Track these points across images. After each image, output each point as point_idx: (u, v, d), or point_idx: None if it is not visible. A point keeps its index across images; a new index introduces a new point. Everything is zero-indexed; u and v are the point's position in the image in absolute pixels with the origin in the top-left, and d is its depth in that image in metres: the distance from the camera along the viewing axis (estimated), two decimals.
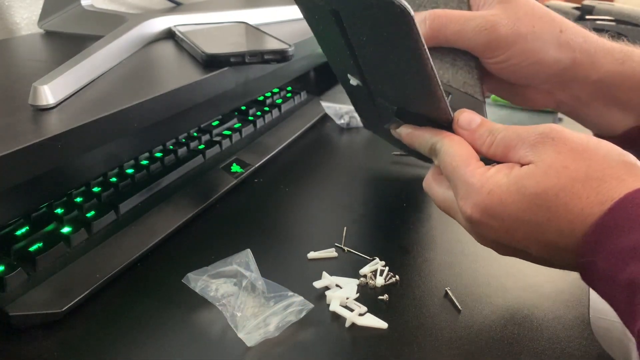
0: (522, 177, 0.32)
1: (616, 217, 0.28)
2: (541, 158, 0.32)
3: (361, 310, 0.38)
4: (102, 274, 0.41)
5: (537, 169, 0.32)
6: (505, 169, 0.34)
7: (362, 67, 0.42)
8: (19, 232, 0.42)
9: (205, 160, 0.58)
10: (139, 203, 0.49)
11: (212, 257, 0.42)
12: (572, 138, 0.32)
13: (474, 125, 0.37)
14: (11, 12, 0.79)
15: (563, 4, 1.12)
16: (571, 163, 0.31)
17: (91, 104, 0.46)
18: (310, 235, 0.49)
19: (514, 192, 0.32)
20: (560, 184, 0.31)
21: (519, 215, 0.32)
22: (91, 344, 0.36)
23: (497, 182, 0.33)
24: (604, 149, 0.32)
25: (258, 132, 0.67)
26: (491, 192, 0.33)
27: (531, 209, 0.32)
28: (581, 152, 0.31)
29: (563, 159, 0.31)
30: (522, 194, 0.32)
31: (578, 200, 0.30)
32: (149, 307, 0.39)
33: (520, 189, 0.32)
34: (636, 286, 0.26)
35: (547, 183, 0.31)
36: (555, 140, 0.32)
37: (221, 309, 0.37)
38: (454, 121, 0.38)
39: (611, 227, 0.28)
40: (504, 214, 0.33)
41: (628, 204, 0.28)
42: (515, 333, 0.37)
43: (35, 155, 0.37)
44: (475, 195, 0.34)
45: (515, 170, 0.33)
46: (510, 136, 0.35)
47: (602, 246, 0.29)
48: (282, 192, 0.57)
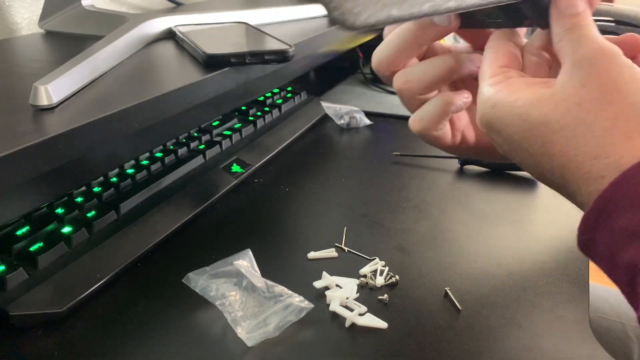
0: (530, 101, 0.30)
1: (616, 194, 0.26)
2: (564, 86, 0.29)
3: (361, 310, 0.38)
4: (102, 274, 0.41)
5: (550, 99, 0.29)
6: (522, 85, 0.31)
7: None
8: (20, 232, 0.42)
9: (205, 160, 0.58)
10: (140, 203, 0.49)
11: (212, 257, 0.42)
12: (611, 71, 0.28)
13: (571, 11, 0.32)
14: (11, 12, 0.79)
15: None
16: (588, 101, 0.28)
17: (92, 104, 0.46)
18: (310, 235, 0.49)
19: (515, 115, 0.30)
20: (564, 121, 0.28)
21: (515, 139, 0.30)
22: (91, 344, 0.36)
23: (504, 98, 0.31)
24: (636, 97, 0.28)
25: (258, 132, 0.67)
26: (495, 107, 0.31)
27: (529, 138, 0.30)
28: (609, 91, 0.28)
29: (582, 95, 0.28)
30: (523, 120, 0.30)
31: (575, 145, 0.28)
32: (149, 307, 0.39)
33: (522, 115, 0.30)
34: (636, 270, 0.25)
35: (551, 116, 0.29)
36: (592, 68, 0.28)
37: (221, 308, 0.37)
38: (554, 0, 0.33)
39: (611, 205, 0.26)
40: (505, 133, 0.31)
41: (630, 179, 0.26)
42: (515, 333, 0.37)
43: (36, 155, 0.37)
44: (482, 105, 0.32)
45: (529, 91, 0.30)
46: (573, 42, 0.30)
47: (602, 224, 0.27)
48: (282, 192, 0.57)
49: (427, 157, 0.64)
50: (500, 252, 0.47)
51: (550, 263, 0.45)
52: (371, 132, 0.74)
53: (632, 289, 0.26)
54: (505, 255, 0.46)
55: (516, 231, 0.49)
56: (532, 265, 0.45)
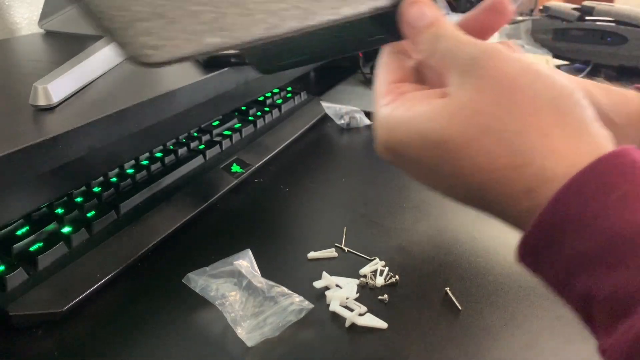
0: (428, 117, 0.26)
1: (558, 217, 0.23)
2: (458, 94, 0.26)
3: (361, 310, 0.38)
4: (102, 274, 0.41)
5: (444, 110, 0.26)
6: (416, 99, 0.28)
7: None
8: (20, 232, 0.42)
9: (205, 160, 0.58)
10: (139, 203, 0.49)
11: (212, 257, 0.42)
12: (503, 68, 0.25)
13: (422, 23, 0.29)
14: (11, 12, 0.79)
15: (563, 5, 1.12)
16: (488, 106, 0.25)
17: (91, 104, 0.46)
18: (310, 235, 0.49)
19: (415, 134, 0.27)
20: (467, 134, 0.25)
21: (422, 162, 0.27)
22: (91, 344, 0.36)
23: (400, 118, 0.28)
24: (537, 87, 0.25)
25: (258, 132, 0.67)
26: (392, 130, 0.28)
27: (435, 158, 0.27)
28: (507, 90, 0.25)
29: (480, 100, 0.25)
30: (423, 139, 0.27)
31: (488, 158, 0.25)
32: (149, 307, 0.39)
33: (421, 132, 0.27)
34: (592, 299, 0.23)
35: (452, 131, 0.25)
36: (484, 70, 0.26)
37: (221, 308, 0.37)
38: (400, 14, 0.30)
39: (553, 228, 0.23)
40: (408, 157, 0.28)
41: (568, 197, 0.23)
42: (515, 333, 0.37)
43: (36, 155, 0.37)
44: (379, 130, 0.29)
45: (425, 104, 0.27)
46: (448, 51, 0.28)
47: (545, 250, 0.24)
48: (282, 192, 0.57)
49: None
50: (500, 252, 0.46)
51: None
52: (371, 132, 0.74)
53: (589, 317, 0.24)
54: (505, 255, 0.46)
55: (516, 231, 0.49)
56: None
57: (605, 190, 0.22)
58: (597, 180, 0.23)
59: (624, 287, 0.21)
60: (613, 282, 0.22)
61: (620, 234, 0.22)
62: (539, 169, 0.24)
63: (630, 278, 0.21)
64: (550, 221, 0.23)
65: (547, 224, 0.23)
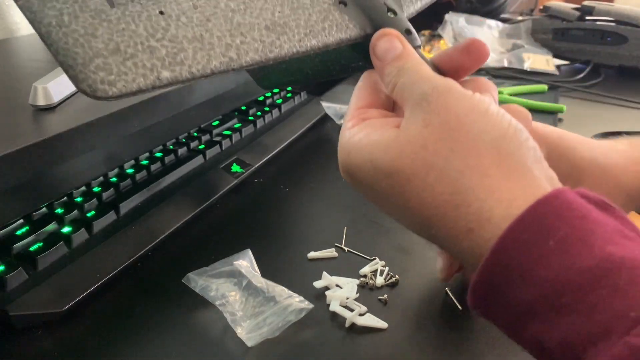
0: (380, 147, 0.27)
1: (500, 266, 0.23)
2: (407, 128, 0.27)
3: (361, 310, 0.38)
4: (102, 274, 0.41)
5: (395, 142, 0.27)
6: (375, 126, 0.29)
7: None
8: (20, 232, 0.42)
9: (205, 160, 0.58)
10: (139, 203, 0.49)
11: (212, 257, 0.42)
12: (451, 106, 0.26)
13: (390, 56, 0.30)
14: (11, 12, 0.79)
15: (563, 5, 1.12)
16: (433, 143, 0.25)
17: (91, 104, 0.46)
18: (310, 235, 0.49)
19: (368, 162, 0.28)
20: (414, 168, 0.26)
21: (375, 189, 0.28)
22: (91, 344, 0.36)
23: (357, 144, 0.28)
24: (481, 127, 0.25)
25: (258, 132, 0.67)
26: (350, 155, 0.29)
27: (385, 188, 0.27)
28: (452, 127, 0.25)
29: (427, 136, 0.26)
30: (375, 168, 0.27)
31: (431, 194, 0.25)
32: (149, 307, 0.39)
33: (373, 161, 0.27)
34: (545, 345, 0.22)
35: (399, 163, 0.26)
36: (431, 107, 0.26)
37: (221, 309, 0.37)
38: (370, 46, 0.31)
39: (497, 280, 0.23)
40: (364, 182, 0.29)
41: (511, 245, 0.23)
42: None
43: (35, 155, 0.37)
44: (340, 152, 0.30)
45: (380, 132, 0.28)
46: (406, 85, 0.28)
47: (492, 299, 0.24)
48: (282, 192, 0.57)
49: None
50: None
51: None
52: None
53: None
54: None
55: None
56: None
57: (544, 235, 0.23)
58: (535, 225, 0.23)
59: (572, 333, 0.21)
60: (562, 329, 0.22)
61: (562, 281, 0.22)
62: (478, 210, 0.24)
63: (577, 324, 0.21)
64: (494, 271, 0.23)
65: (490, 274, 0.24)
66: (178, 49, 0.26)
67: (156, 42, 0.26)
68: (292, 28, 0.30)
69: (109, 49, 0.25)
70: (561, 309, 0.22)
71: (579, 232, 0.22)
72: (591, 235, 0.22)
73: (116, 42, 0.25)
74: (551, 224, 0.23)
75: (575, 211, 0.23)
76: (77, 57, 0.24)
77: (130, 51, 0.25)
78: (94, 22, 0.25)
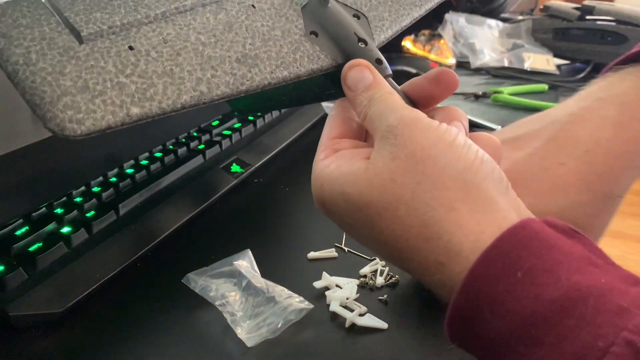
0: (349, 180, 0.27)
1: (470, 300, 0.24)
2: (375, 160, 0.27)
3: (361, 310, 0.38)
4: (102, 274, 0.40)
5: (364, 174, 0.27)
6: (345, 158, 0.29)
7: None
8: (19, 232, 0.42)
9: (205, 160, 0.58)
10: (139, 203, 0.49)
11: (212, 257, 0.42)
12: (417, 138, 0.26)
13: (361, 86, 0.30)
14: None
15: (563, 5, 1.12)
16: (401, 176, 0.26)
17: None
18: (310, 235, 0.49)
19: (339, 195, 0.28)
20: (383, 201, 0.26)
21: (347, 221, 0.28)
22: (91, 344, 0.36)
23: (329, 175, 0.29)
24: (447, 159, 0.25)
25: (258, 132, 0.67)
26: (322, 186, 0.29)
27: (358, 220, 0.27)
28: (418, 160, 0.25)
29: (394, 169, 0.26)
30: (345, 201, 0.27)
31: (402, 226, 0.25)
32: (149, 307, 0.39)
33: (344, 195, 0.27)
34: None
35: (370, 196, 0.26)
36: (397, 139, 0.26)
37: (221, 309, 0.37)
38: (342, 76, 0.31)
39: (469, 313, 0.24)
40: (337, 214, 0.29)
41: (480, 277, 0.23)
42: None
43: (35, 155, 0.37)
44: (313, 183, 0.30)
45: (350, 164, 0.28)
46: (375, 115, 0.28)
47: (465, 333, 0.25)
48: (282, 192, 0.57)
49: None
50: None
51: None
52: None
53: None
54: None
55: None
56: None
57: (511, 267, 0.23)
58: (502, 258, 0.23)
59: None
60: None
61: (531, 313, 0.22)
62: (447, 243, 0.25)
63: (548, 357, 0.21)
64: (465, 306, 0.24)
65: (462, 309, 0.24)
66: (148, 85, 0.26)
67: (125, 78, 0.25)
68: (264, 60, 0.29)
69: (78, 86, 0.24)
70: (531, 341, 0.22)
71: (546, 263, 0.23)
72: (558, 266, 0.22)
73: (85, 80, 0.24)
74: (518, 256, 0.23)
75: (543, 241, 0.23)
76: (45, 95, 0.23)
77: (99, 88, 0.25)
78: (62, 59, 0.24)
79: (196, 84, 0.27)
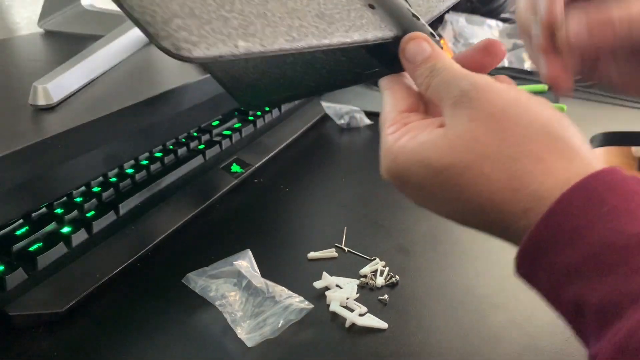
0: (427, 146, 0.28)
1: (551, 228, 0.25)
2: (453, 124, 0.28)
3: (361, 310, 0.38)
4: (102, 274, 0.40)
5: (443, 139, 0.28)
6: (419, 128, 0.30)
7: None
8: (19, 232, 0.42)
9: (205, 160, 0.58)
10: (139, 203, 0.49)
11: (212, 257, 0.42)
12: (494, 100, 0.27)
13: (420, 58, 0.31)
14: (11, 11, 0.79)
15: None
16: (483, 134, 0.27)
17: (91, 104, 0.46)
18: (310, 235, 0.49)
19: (417, 163, 0.28)
20: (467, 160, 0.27)
21: (426, 189, 0.29)
22: (91, 344, 0.36)
23: (403, 147, 0.29)
24: (527, 116, 0.27)
25: (258, 132, 0.67)
26: (396, 159, 0.29)
27: (437, 185, 0.28)
28: (499, 119, 0.27)
29: (475, 129, 0.27)
30: (425, 166, 0.28)
31: (487, 182, 0.26)
32: (149, 307, 0.39)
33: (423, 160, 0.28)
34: (583, 306, 0.24)
35: (451, 158, 0.27)
36: (473, 102, 0.27)
37: (221, 309, 0.37)
38: (400, 49, 0.32)
39: (545, 241, 0.25)
40: (412, 184, 0.29)
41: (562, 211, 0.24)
42: (516, 333, 0.37)
43: (35, 155, 0.37)
44: (384, 158, 0.30)
45: (426, 133, 0.29)
46: (441, 84, 0.30)
47: (539, 261, 0.25)
48: (282, 192, 0.57)
49: None
50: (500, 252, 0.46)
51: None
52: (371, 132, 0.74)
53: (579, 326, 0.25)
54: (505, 255, 0.46)
55: None
56: None
57: (595, 204, 0.24)
58: (588, 195, 0.24)
59: (612, 293, 0.23)
60: (603, 289, 0.23)
61: (609, 243, 0.23)
62: (536, 191, 0.26)
63: (619, 284, 0.22)
64: (544, 233, 0.25)
65: (541, 235, 0.25)
66: (248, 22, 0.27)
67: (226, 12, 0.27)
68: (338, 20, 0.31)
69: (185, 12, 0.25)
70: (605, 270, 0.23)
71: (630, 205, 0.24)
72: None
73: (190, 7, 0.25)
74: (603, 195, 0.24)
75: (628, 187, 0.25)
76: (156, 15, 0.24)
77: (206, 17, 0.26)
78: None
79: (288, 29, 0.28)
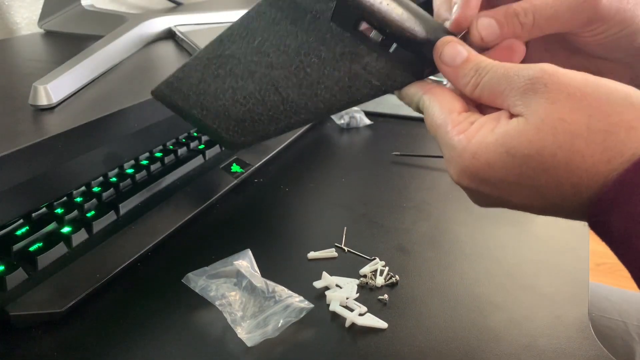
0: (511, 135, 0.28)
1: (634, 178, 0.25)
2: (532, 109, 0.28)
3: (361, 310, 0.38)
4: (102, 274, 0.41)
5: (527, 125, 0.27)
6: (490, 123, 0.29)
7: None
8: (19, 232, 0.42)
9: (205, 160, 0.58)
10: (139, 203, 0.49)
11: (212, 257, 0.42)
12: (568, 82, 0.28)
13: (459, 60, 0.31)
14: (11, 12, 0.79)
15: None
16: (569, 114, 0.27)
17: (91, 104, 0.46)
18: (310, 235, 0.49)
19: (503, 154, 0.28)
20: (558, 141, 0.27)
21: (512, 179, 0.28)
22: (91, 344, 0.36)
23: (482, 142, 0.29)
24: (605, 90, 0.27)
25: None
26: (476, 155, 0.29)
27: (526, 172, 0.28)
28: (580, 98, 0.27)
29: (559, 110, 0.27)
30: (512, 156, 0.28)
31: (581, 160, 0.27)
32: (149, 307, 0.39)
33: (509, 150, 0.28)
34: None
35: (541, 142, 0.27)
36: (549, 87, 0.28)
37: (221, 309, 0.37)
38: (435, 54, 0.32)
39: (628, 189, 0.25)
40: (494, 179, 0.29)
41: None
42: (516, 333, 0.37)
43: (35, 155, 0.37)
44: (458, 159, 0.30)
45: (503, 124, 0.29)
46: (497, 79, 0.30)
47: (617, 208, 0.26)
48: (282, 192, 0.57)
49: (427, 157, 0.64)
50: (500, 252, 0.46)
51: (550, 263, 0.45)
52: (371, 132, 0.74)
53: None
54: (505, 255, 0.46)
55: (516, 231, 0.49)
56: (532, 266, 0.45)
57: None
58: None
59: None
60: None
61: None
62: (632, 157, 0.26)
63: None
64: (632, 180, 0.25)
65: (627, 183, 0.26)
66: None
67: None
68: None
69: None
70: None
71: None
72: None
73: None
74: None
75: None
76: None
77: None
78: None
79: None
